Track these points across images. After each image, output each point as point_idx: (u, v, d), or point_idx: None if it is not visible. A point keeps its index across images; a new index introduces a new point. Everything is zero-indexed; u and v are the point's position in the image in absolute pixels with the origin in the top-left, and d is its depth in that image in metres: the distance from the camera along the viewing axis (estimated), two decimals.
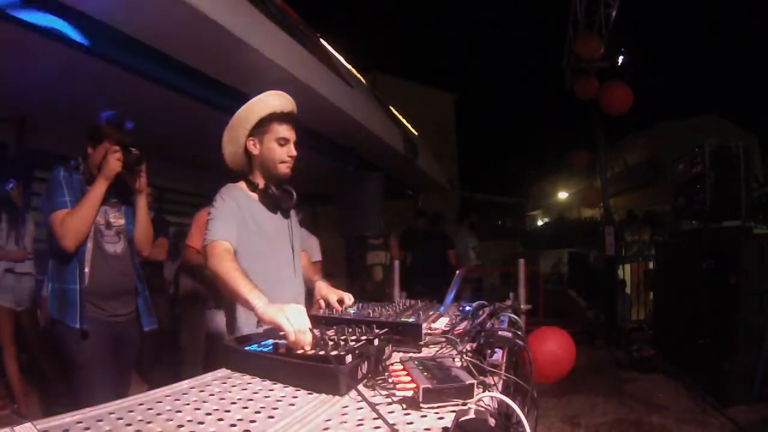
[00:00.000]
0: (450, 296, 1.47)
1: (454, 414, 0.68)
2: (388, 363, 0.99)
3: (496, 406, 0.75)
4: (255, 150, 1.54)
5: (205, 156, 2.74)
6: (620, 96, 6.34)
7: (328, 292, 1.59)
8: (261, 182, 1.57)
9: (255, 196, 1.57)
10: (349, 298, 1.54)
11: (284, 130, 1.53)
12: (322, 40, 4.09)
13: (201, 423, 0.70)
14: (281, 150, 1.53)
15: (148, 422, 0.70)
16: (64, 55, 2.36)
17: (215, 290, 2.41)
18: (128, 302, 1.92)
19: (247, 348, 1.07)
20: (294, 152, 1.55)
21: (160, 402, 0.80)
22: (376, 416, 0.72)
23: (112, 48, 2.39)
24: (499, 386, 0.89)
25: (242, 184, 1.59)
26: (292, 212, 1.70)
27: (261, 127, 1.52)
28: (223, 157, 1.60)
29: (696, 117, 15.34)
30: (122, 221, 1.92)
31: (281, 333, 1.02)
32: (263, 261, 1.52)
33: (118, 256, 1.87)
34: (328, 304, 1.53)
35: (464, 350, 1.04)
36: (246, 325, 1.47)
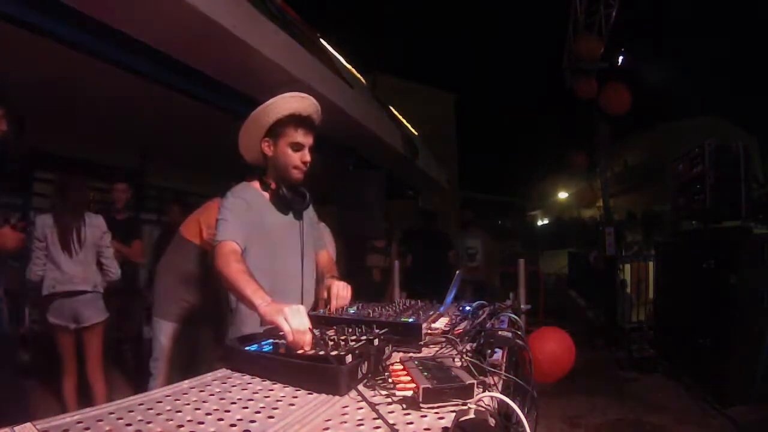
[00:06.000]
0: (450, 296, 1.47)
1: (454, 414, 0.68)
2: (388, 363, 0.99)
3: (496, 406, 0.75)
4: (269, 152, 1.53)
5: (205, 156, 2.75)
6: (620, 96, 6.35)
7: (331, 284, 1.56)
8: (273, 182, 1.55)
9: (267, 195, 1.55)
10: (345, 289, 1.49)
11: (299, 135, 1.50)
12: (322, 40, 4.09)
13: (201, 423, 0.70)
14: (294, 155, 1.50)
15: (148, 422, 0.70)
16: (64, 54, 2.36)
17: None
18: None
19: (247, 348, 1.07)
20: (308, 158, 1.52)
21: (160, 402, 0.80)
22: (376, 416, 0.72)
23: (111, 48, 2.39)
24: (499, 386, 0.89)
25: (256, 183, 1.57)
26: (307, 213, 1.66)
27: (277, 128, 1.50)
28: (240, 151, 1.59)
29: (696, 117, 15.33)
30: None
31: (281, 333, 1.03)
32: (271, 262, 1.50)
33: None
34: (327, 304, 1.52)
35: (464, 350, 1.04)
36: (248, 325, 1.46)
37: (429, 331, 1.23)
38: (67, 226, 2.61)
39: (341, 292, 1.48)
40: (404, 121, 6.28)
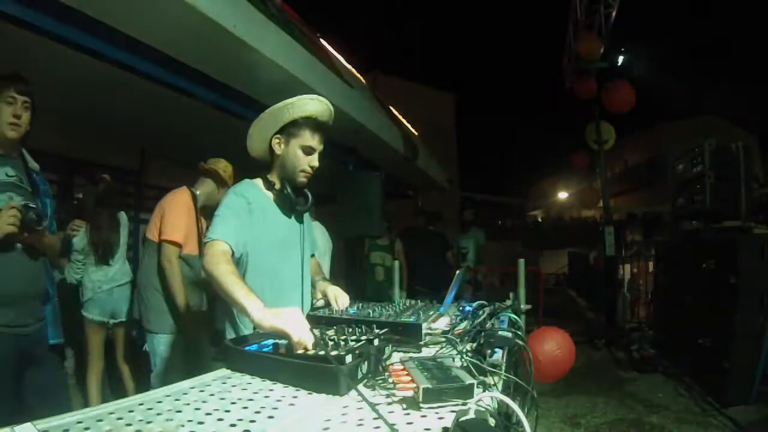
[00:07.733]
0: (450, 296, 1.48)
1: (454, 414, 0.68)
2: (388, 363, 0.99)
3: (496, 406, 0.76)
4: (278, 149, 1.49)
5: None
6: (623, 94, 6.35)
7: (326, 287, 1.57)
8: (278, 182, 1.52)
9: (270, 195, 1.52)
10: (341, 293, 1.50)
11: (313, 139, 1.47)
12: (322, 40, 4.09)
13: (201, 423, 0.70)
14: (304, 158, 1.47)
15: (148, 422, 0.70)
16: (65, 54, 2.36)
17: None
18: (36, 310, 1.57)
19: (247, 348, 1.07)
20: (317, 163, 1.50)
21: (160, 402, 0.80)
22: (376, 416, 0.72)
23: (110, 47, 2.39)
24: (499, 386, 0.89)
25: (259, 181, 1.54)
26: (307, 217, 1.64)
27: (291, 128, 1.47)
28: (246, 147, 1.56)
29: (696, 117, 15.35)
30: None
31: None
32: (272, 266, 1.47)
33: (23, 254, 1.51)
34: (327, 304, 1.52)
35: (464, 350, 1.05)
36: (247, 325, 1.46)
37: (429, 331, 1.23)
38: (105, 232, 2.79)
39: (340, 293, 1.49)
40: (404, 121, 6.28)
